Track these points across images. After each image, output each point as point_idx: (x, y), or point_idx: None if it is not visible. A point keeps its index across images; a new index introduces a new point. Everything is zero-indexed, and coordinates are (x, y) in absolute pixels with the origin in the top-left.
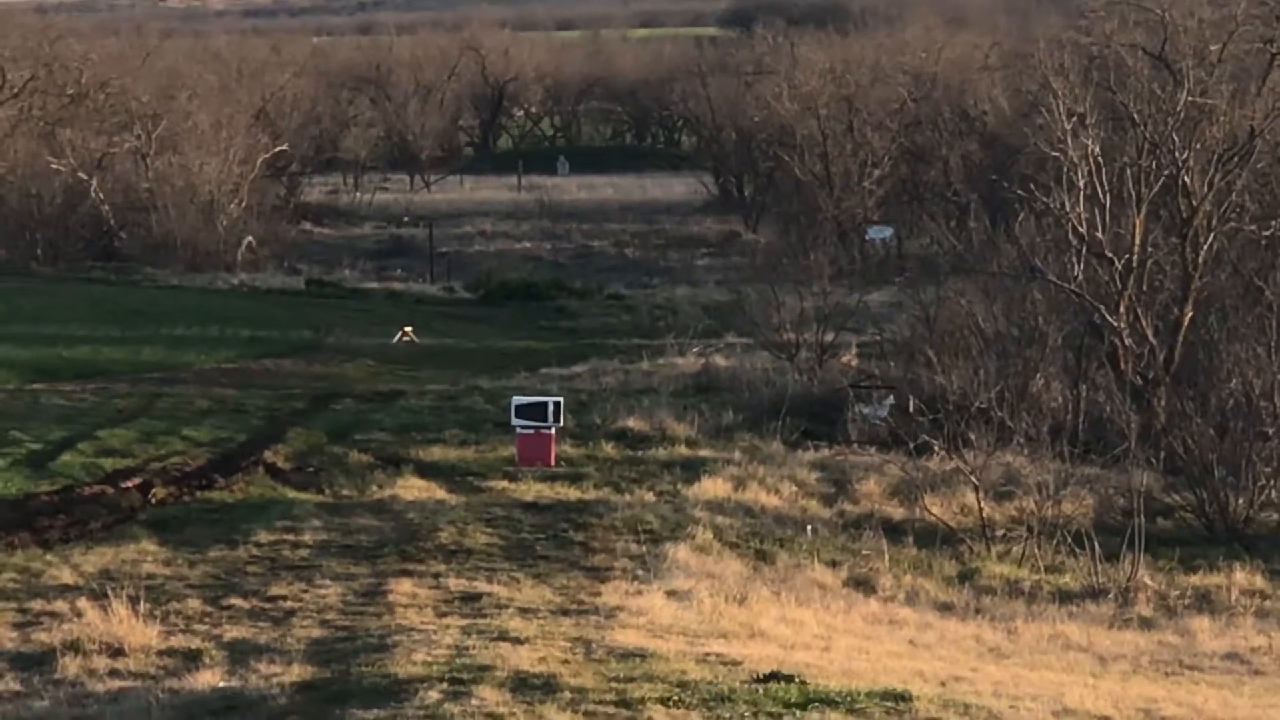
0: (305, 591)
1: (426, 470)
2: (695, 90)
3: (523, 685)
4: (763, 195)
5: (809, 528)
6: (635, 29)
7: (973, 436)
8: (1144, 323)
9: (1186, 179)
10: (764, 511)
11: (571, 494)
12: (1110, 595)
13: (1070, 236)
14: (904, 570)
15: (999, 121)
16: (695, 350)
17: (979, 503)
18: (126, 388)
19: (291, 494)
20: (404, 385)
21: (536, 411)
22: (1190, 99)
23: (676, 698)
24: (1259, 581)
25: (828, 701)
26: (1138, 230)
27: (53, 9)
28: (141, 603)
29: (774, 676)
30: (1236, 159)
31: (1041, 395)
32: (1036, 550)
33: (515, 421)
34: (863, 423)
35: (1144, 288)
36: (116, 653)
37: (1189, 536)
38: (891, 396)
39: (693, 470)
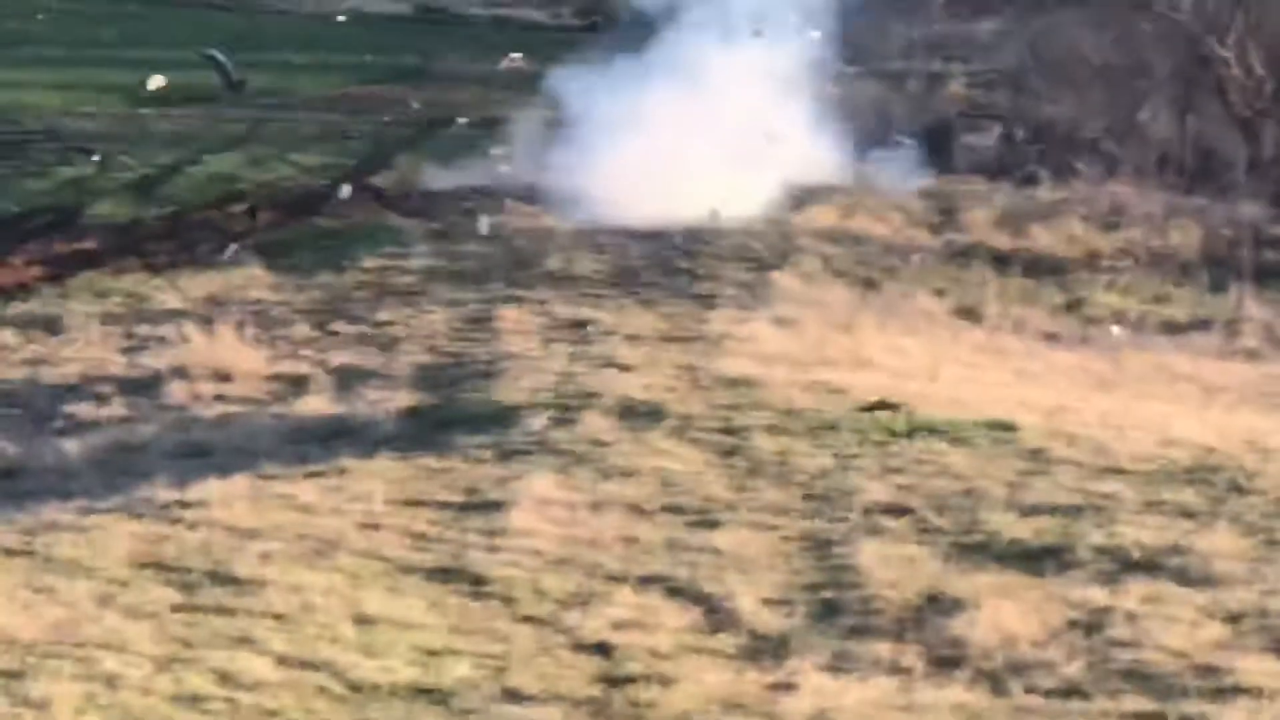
0: (412, 318)
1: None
2: None
3: (629, 412)
4: None
5: (915, 256)
6: None
7: (1080, 167)
8: (1252, 54)
9: None
10: (871, 240)
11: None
12: (1217, 327)
13: None
14: (1011, 300)
15: None
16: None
17: (1086, 233)
18: (234, 113)
19: (398, 220)
20: (511, 112)
21: None
22: None
23: (783, 425)
24: None
25: (934, 430)
26: None
27: None
28: (248, 328)
29: (880, 405)
30: None
31: (1149, 126)
32: (1143, 281)
33: None
34: (970, 152)
35: (1252, 18)
36: (223, 378)
37: None
38: (999, 126)
39: (800, 197)
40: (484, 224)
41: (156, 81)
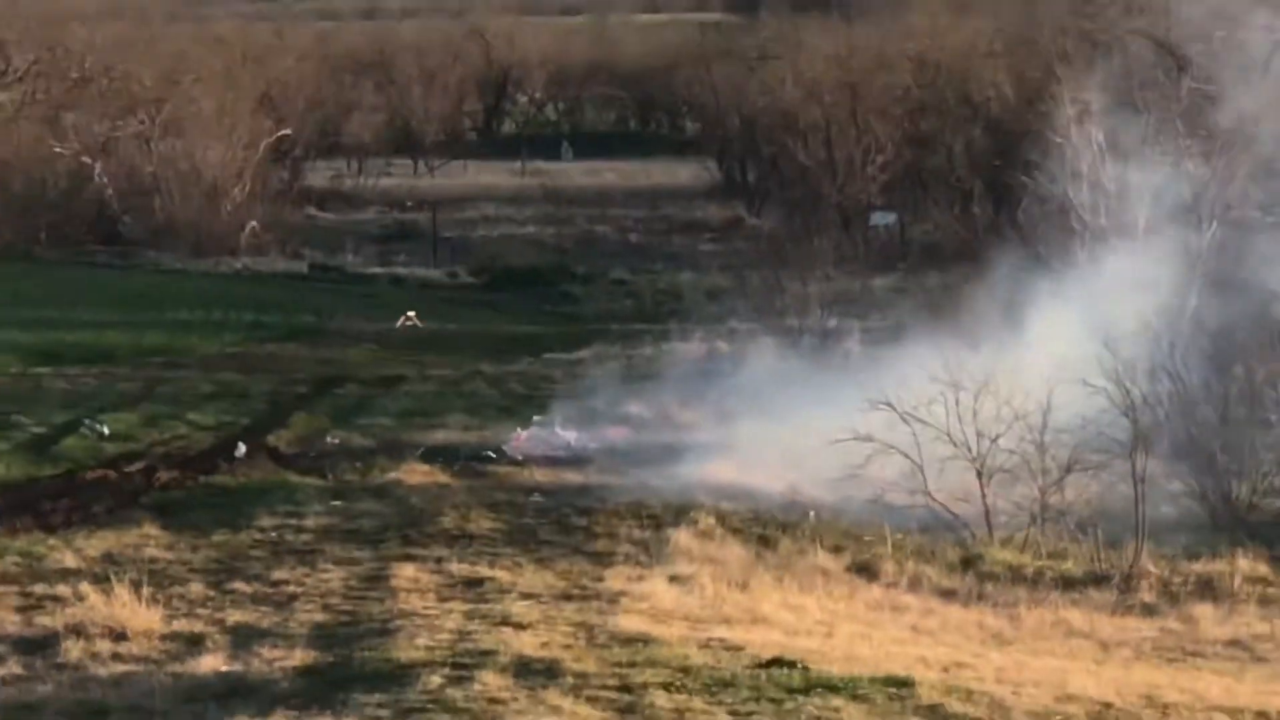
0: (308, 576)
1: (430, 455)
2: (699, 76)
3: (525, 670)
4: (766, 181)
5: (811, 513)
6: (639, 14)
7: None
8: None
9: (1189, 166)
10: (767, 496)
11: (574, 478)
12: (1113, 582)
13: (1073, 223)
14: (906, 557)
15: (1003, 108)
16: (699, 336)
17: (982, 489)
18: (130, 372)
19: (294, 478)
20: (407, 370)
21: None
22: (1194, 85)
23: (679, 683)
24: (1262, 569)
25: (830, 687)
26: (1140, 217)
27: None
28: (144, 586)
29: (776, 662)
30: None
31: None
32: (1039, 537)
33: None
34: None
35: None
36: (119, 637)
37: (1192, 523)
38: None
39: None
40: None
41: None
